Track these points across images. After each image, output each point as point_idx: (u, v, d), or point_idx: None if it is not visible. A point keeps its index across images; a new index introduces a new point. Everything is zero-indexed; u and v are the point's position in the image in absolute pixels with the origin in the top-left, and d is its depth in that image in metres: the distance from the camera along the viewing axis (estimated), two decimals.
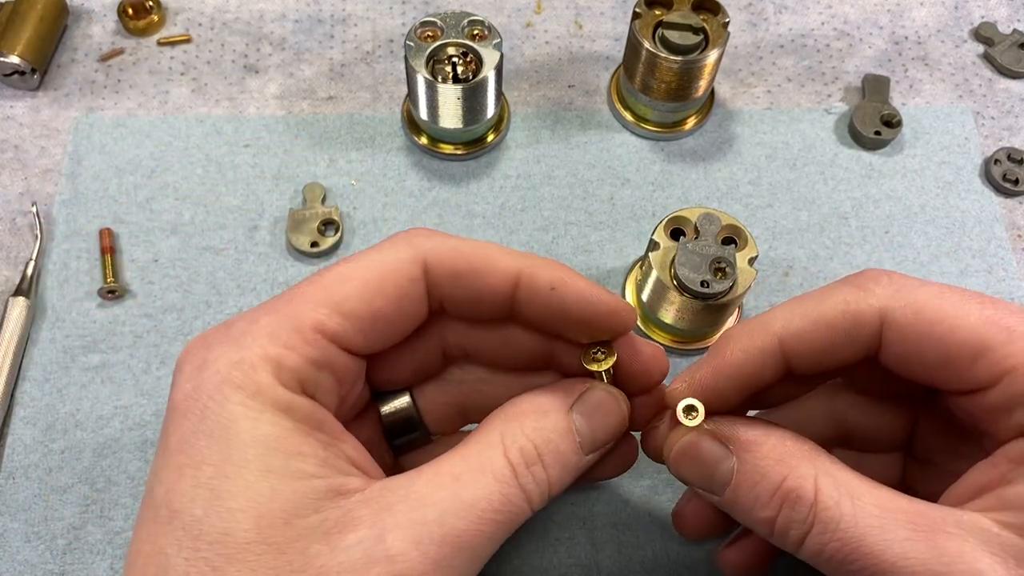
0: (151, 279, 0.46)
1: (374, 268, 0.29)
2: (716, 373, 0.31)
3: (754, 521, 0.29)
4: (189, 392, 0.26)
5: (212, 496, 0.25)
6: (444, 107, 0.46)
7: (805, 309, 0.30)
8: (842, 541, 0.26)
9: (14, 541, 0.40)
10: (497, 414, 0.30)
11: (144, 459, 0.41)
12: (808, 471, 0.28)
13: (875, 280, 0.30)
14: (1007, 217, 0.49)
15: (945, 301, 0.29)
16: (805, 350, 0.30)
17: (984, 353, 0.28)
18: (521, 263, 0.30)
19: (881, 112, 0.51)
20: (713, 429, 0.30)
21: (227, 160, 0.49)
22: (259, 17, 0.54)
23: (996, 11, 0.56)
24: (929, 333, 0.29)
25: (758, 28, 0.55)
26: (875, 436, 0.35)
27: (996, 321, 0.28)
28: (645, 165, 0.50)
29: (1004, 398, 0.28)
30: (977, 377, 0.28)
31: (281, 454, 0.26)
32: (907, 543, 0.26)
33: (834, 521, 0.27)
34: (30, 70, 0.50)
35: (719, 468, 0.29)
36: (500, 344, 0.33)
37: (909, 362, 0.30)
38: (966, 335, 0.28)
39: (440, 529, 0.26)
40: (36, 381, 0.43)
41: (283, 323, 0.28)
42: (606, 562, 0.40)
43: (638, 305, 0.45)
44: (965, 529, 0.26)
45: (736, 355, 0.31)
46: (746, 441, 0.29)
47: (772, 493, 0.28)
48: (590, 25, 0.55)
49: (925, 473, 0.34)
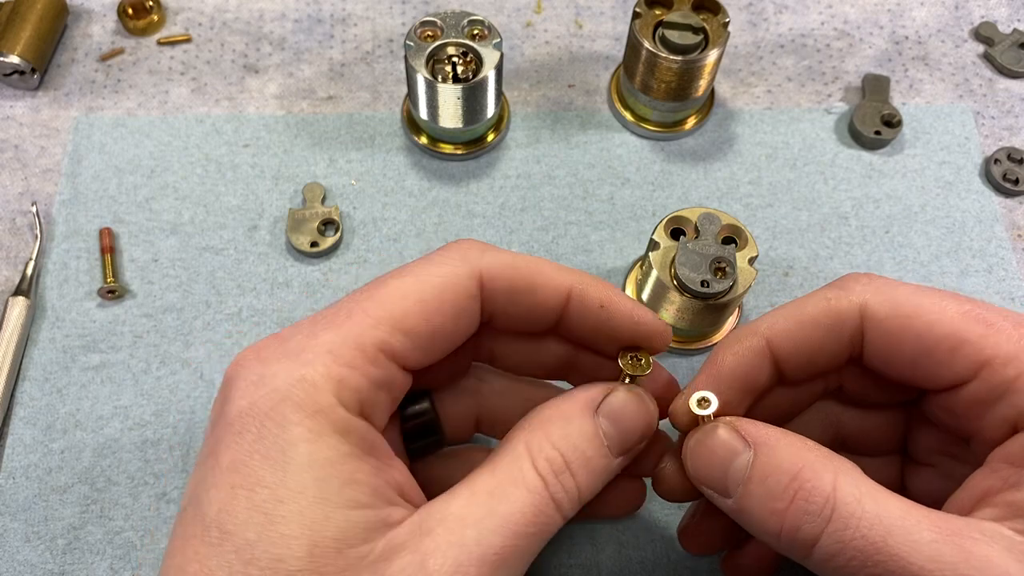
0: (151, 279, 0.46)
1: (433, 284, 0.29)
2: (713, 379, 0.31)
3: (765, 517, 0.28)
4: (245, 409, 0.26)
5: (266, 520, 0.25)
6: (444, 107, 0.46)
7: (789, 311, 0.31)
8: (865, 540, 0.25)
9: (14, 541, 0.40)
10: (522, 424, 0.30)
11: (144, 459, 0.41)
12: (827, 467, 0.27)
13: (855, 280, 0.31)
14: (1007, 217, 0.49)
15: (923, 297, 0.30)
16: (792, 349, 0.31)
17: (961, 346, 0.28)
18: (572, 280, 0.30)
19: (881, 112, 0.51)
20: (731, 421, 0.30)
21: (227, 160, 0.49)
22: (259, 17, 0.54)
23: (996, 11, 0.56)
24: (907, 327, 0.29)
25: (758, 28, 0.55)
26: (870, 441, 0.35)
27: (973, 315, 0.29)
28: (645, 165, 0.50)
29: (984, 391, 0.28)
30: (955, 371, 0.29)
31: (337, 481, 0.25)
32: (935, 545, 0.25)
33: (855, 518, 0.26)
34: (30, 70, 0.50)
35: (735, 462, 0.29)
36: (531, 352, 0.33)
37: (890, 358, 0.30)
38: (944, 329, 0.29)
39: (478, 548, 0.26)
40: (36, 381, 0.43)
41: (345, 340, 0.27)
42: (606, 562, 0.40)
43: None
44: (988, 535, 0.25)
45: (728, 360, 0.31)
46: (764, 436, 0.29)
47: (787, 483, 0.27)
48: (590, 25, 0.55)
49: (923, 475, 0.34)
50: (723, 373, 0.31)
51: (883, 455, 0.35)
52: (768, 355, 0.31)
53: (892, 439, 0.35)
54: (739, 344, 0.31)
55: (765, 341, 0.31)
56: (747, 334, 0.32)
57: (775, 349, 0.31)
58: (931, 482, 0.33)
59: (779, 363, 0.32)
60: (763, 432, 0.29)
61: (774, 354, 0.31)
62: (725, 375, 0.31)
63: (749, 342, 0.31)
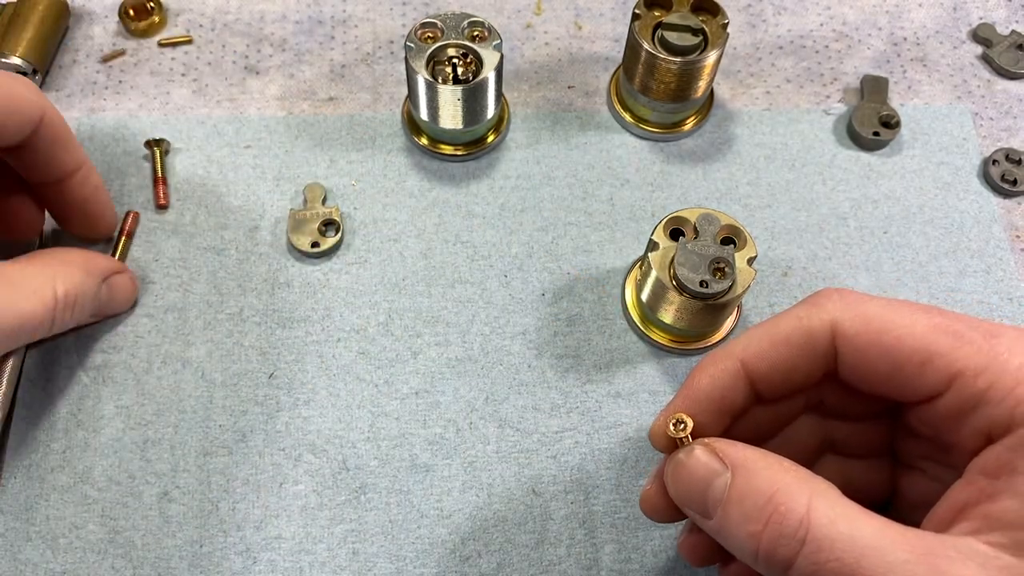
0: (152, 279, 0.46)
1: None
2: (688, 401, 0.32)
3: (742, 539, 0.28)
4: None
5: None
6: (444, 108, 0.46)
7: (762, 331, 0.32)
8: (840, 562, 0.25)
9: (15, 540, 0.40)
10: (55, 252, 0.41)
11: (145, 458, 0.42)
12: (801, 489, 0.27)
13: (827, 297, 0.31)
14: (1005, 217, 0.49)
15: (893, 312, 0.30)
16: (767, 368, 0.32)
17: (931, 359, 0.29)
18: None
19: (880, 113, 0.51)
20: (709, 443, 0.30)
21: (228, 161, 0.49)
22: (260, 18, 0.54)
23: (994, 12, 0.56)
24: (878, 342, 0.30)
25: (757, 29, 0.55)
26: (859, 446, 0.35)
27: (943, 328, 0.29)
28: (644, 166, 0.50)
29: (956, 403, 0.29)
30: (927, 384, 0.29)
31: None
32: (908, 566, 0.25)
33: (829, 540, 0.26)
34: (32, 71, 0.50)
35: (714, 484, 0.29)
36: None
37: (864, 373, 0.31)
38: (914, 342, 0.29)
39: None
40: (37, 381, 0.43)
41: None
42: (606, 562, 0.40)
43: (637, 305, 0.45)
44: (962, 553, 0.25)
45: (704, 381, 0.32)
46: (741, 457, 0.29)
47: (762, 506, 0.27)
48: (590, 26, 0.55)
49: (914, 477, 0.34)
50: (699, 395, 0.32)
51: (873, 457, 0.35)
52: (743, 376, 0.32)
53: (880, 444, 0.35)
54: (714, 366, 0.32)
55: (740, 362, 0.32)
56: (722, 357, 0.32)
57: (750, 370, 0.32)
58: (922, 483, 0.33)
59: (755, 383, 0.32)
60: (741, 453, 0.29)
61: (749, 375, 0.32)
62: (701, 397, 0.32)
63: (724, 364, 0.32)
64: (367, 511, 0.41)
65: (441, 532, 0.41)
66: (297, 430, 0.43)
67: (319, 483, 0.41)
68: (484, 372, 0.44)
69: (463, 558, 0.40)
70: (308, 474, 0.42)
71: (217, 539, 0.40)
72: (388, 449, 0.42)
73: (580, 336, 0.45)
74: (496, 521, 0.41)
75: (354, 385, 0.44)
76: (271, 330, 0.45)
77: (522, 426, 0.43)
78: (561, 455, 0.42)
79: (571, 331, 0.45)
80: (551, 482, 0.42)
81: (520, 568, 0.40)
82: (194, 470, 0.41)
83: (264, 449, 0.42)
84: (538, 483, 0.42)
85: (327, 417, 0.43)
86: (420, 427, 0.43)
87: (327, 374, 0.44)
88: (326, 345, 0.44)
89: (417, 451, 0.42)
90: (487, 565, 0.40)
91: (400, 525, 0.41)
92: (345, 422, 0.43)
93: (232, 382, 0.43)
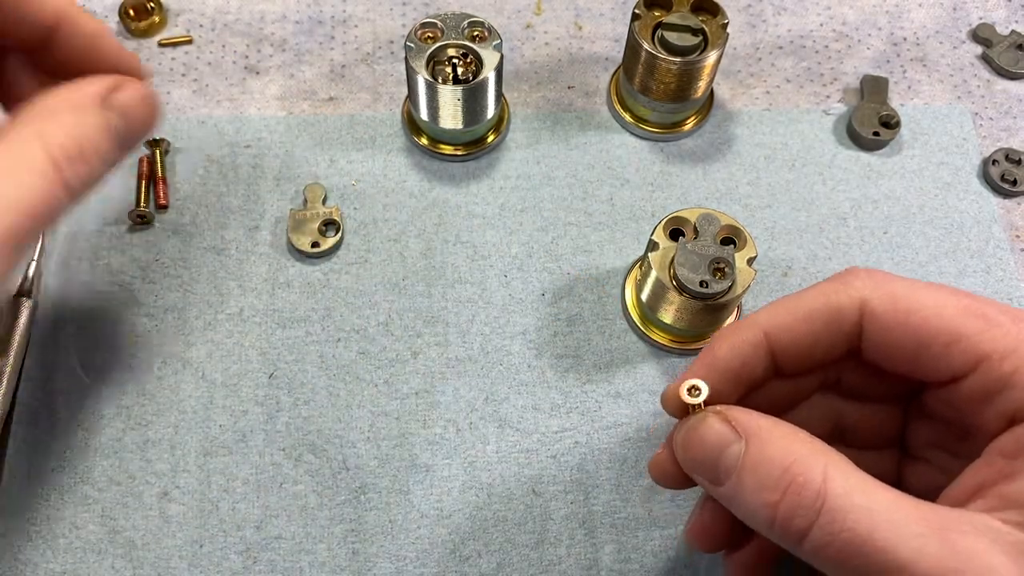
0: (152, 279, 0.46)
1: None
2: (706, 369, 0.32)
3: (757, 507, 0.28)
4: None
5: None
6: (444, 108, 0.46)
7: (788, 304, 0.32)
8: (852, 532, 0.26)
9: (16, 540, 0.40)
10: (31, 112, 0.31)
11: (145, 458, 0.42)
12: (818, 460, 0.27)
13: (855, 275, 0.31)
14: (1005, 217, 0.49)
15: (922, 292, 0.30)
16: (790, 342, 0.31)
17: (959, 340, 0.29)
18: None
19: (880, 113, 0.51)
20: (722, 410, 0.30)
21: (228, 160, 0.49)
22: (260, 18, 0.54)
23: (994, 12, 0.56)
24: (906, 322, 0.30)
25: (757, 29, 0.55)
26: (868, 433, 0.35)
27: (972, 310, 0.29)
28: (644, 166, 0.50)
29: (982, 385, 0.29)
30: (953, 365, 0.29)
31: None
32: (921, 539, 0.25)
33: (843, 511, 0.26)
34: None
35: (727, 452, 0.29)
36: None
37: (889, 352, 0.31)
38: (941, 323, 0.29)
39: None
40: (37, 381, 0.43)
41: None
42: (606, 562, 0.40)
43: (637, 305, 0.45)
44: (976, 528, 0.26)
45: (725, 350, 0.32)
46: (755, 426, 0.29)
47: (778, 476, 0.27)
48: (590, 26, 0.55)
49: (919, 469, 0.34)
50: (718, 363, 0.32)
51: (880, 448, 0.35)
52: (765, 347, 0.32)
53: (890, 432, 0.35)
54: (736, 335, 0.32)
55: (763, 333, 0.31)
56: (745, 326, 0.32)
57: (772, 342, 0.32)
58: (927, 476, 0.34)
59: (776, 355, 0.32)
60: (754, 422, 0.29)
61: (771, 346, 0.32)
62: (720, 365, 0.32)
63: (746, 334, 0.32)
64: (367, 511, 0.41)
65: (441, 532, 0.41)
66: (297, 430, 0.43)
67: (319, 483, 0.41)
68: (484, 372, 0.44)
69: (463, 558, 0.40)
70: (308, 474, 0.42)
71: (217, 539, 0.40)
72: (388, 449, 0.42)
73: (580, 336, 0.45)
74: (496, 521, 0.41)
75: (354, 385, 0.44)
76: (271, 330, 0.45)
77: (522, 426, 0.43)
78: (561, 455, 0.42)
79: (571, 331, 0.45)
80: (551, 482, 0.42)
81: (520, 568, 0.40)
82: (194, 470, 0.41)
83: (264, 449, 0.42)
84: (538, 483, 0.42)
85: (327, 417, 0.43)
86: (420, 427, 0.43)
87: (327, 374, 0.44)
88: (326, 345, 0.44)
89: (417, 451, 0.42)
90: (487, 565, 0.40)
91: (400, 525, 0.41)
92: (345, 422, 0.43)
93: (232, 382, 0.43)
